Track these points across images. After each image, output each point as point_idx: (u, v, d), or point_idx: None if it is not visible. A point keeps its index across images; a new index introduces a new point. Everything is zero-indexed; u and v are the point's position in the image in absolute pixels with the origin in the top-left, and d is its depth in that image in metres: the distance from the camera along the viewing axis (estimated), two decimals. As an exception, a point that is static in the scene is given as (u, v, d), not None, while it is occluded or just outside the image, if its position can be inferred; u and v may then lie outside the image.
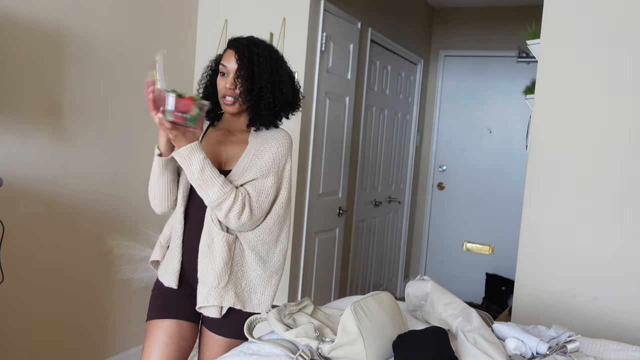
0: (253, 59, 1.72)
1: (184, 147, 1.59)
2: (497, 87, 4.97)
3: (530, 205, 2.61)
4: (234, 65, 1.72)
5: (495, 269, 4.92)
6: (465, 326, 1.68)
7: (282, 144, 1.79)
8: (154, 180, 1.75)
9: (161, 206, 1.80)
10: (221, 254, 1.72)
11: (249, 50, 1.72)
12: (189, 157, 1.60)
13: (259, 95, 1.72)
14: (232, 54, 1.74)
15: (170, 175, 1.75)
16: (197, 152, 1.61)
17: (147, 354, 1.76)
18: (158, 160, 1.70)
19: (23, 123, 2.37)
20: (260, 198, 1.74)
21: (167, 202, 1.79)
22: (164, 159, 1.69)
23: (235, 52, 1.73)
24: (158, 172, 1.73)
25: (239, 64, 1.71)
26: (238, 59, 1.72)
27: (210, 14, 3.24)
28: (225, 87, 1.73)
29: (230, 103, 1.74)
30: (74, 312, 2.69)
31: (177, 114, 1.51)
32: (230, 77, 1.73)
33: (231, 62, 1.73)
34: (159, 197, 1.77)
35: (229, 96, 1.73)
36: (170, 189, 1.77)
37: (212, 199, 1.66)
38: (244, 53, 1.72)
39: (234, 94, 1.73)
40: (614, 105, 2.44)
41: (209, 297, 1.73)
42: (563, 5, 2.53)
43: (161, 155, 1.69)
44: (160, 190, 1.76)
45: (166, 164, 1.71)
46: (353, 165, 3.84)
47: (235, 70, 1.72)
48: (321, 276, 3.46)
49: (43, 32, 2.41)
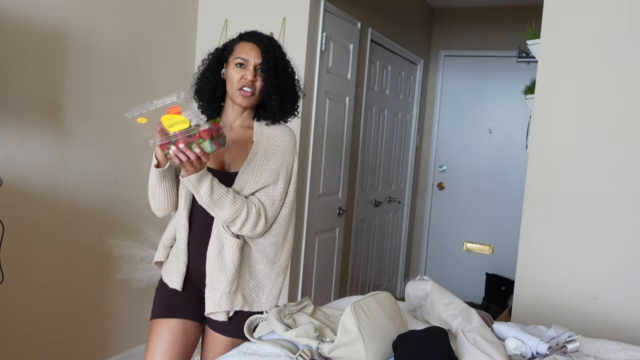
0: (276, 53, 1.72)
1: (193, 175, 1.56)
2: (497, 87, 4.97)
3: (530, 205, 2.61)
4: (256, 59, 1.70)
5: (495, 269, 4.92)
6: (465, 326, 1.68)
7: (289, 144, 1.78)
8: (153, 188, 1.73)
9: (162, 210, 1.79)
10: (233, 260, 1.71)
11: (272, 45, 1.73)
12: (198, 183, 1.58)
13: (284, 90, 1.73)
14: (253, 47, 1.72)
15: (168, 182, 1.73)
16: (205, 177, 1.59)
17: (152, 353, 1.74)
18: (155, 171, 1.68)
19: (23, 123, 2.37)
20: (273, 206, 1.73)
21: (167, 206, 1.78)
22: (161, 170, 1.67)
23: (259, 45, 1.72)
24: (156, 182, 1.71)
25: (265, 57, 1.70)
26: (263, 52, 1.70)
27: (210, 14, 3.23)
28: (245, 79, 1.70)
29: (249, 95, 1.71)
30: (74, 312, 2.69)
31: (217, 142, 1.50)
32: (250, 69, 1.70)
33: (252, 55, 1.71)
34: (160, 203, 1.76)
35: (248, 87, 1.70)
36: (169, 194, 1.75)
37: (225, 218, 1.65)
38: (268, 46, 1.71)
39: (255, 86, 1.71)
40: (613, 105, 2.44)
41: (220, 303, 1.73)
42: (563, 6, 2.53)
43: (158, 166, 1.67)
44: (160, 197, 1.74)
45: (164, 173, 1.69)
46: (353, 165, 3.84)
47: (259, 64, 1.70)
48: (321, 276, 3.46)
49: (43, 32, 2.41)
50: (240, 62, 1.71)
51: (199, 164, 1.52)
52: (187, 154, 1.48)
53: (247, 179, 1.71)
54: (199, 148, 1.48)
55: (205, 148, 1.48)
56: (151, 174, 1.71)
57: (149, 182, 1.74)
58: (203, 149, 1.48)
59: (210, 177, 1.60)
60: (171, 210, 1.81)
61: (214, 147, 1.49)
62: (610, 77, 2.45)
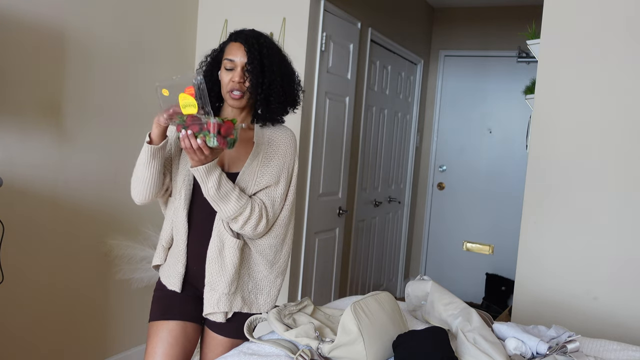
0: (262, 51, 1.68)
1: (202, 167, 1.55)
2: (497, 87, 4.97)
3: (530, 205, 2.61)
4: (242, 58, 1.67)
5: (495, 269, 4.92)
6: (465, 326, 1.68)
7: (290, 146, 1.77)
8: (139, 168, 1.67)
9: (142, 196, 1.71)
10: (233, 260, 1.70)
11: (258, 42, 1.68)
12: (207, 175, 1.57)
13: (269, 89, 1.68)
14: (239, 47, 1.69)
15: (157, 165, 1.66)
16: (214, 170, 1.58)
17: (151, 355, 1.73)
18: (146, 147, 1.62)
19: (23, 123, 2.37)
20: (274, 207, 1.73)
21: (149, 193, 1.70)
22: (153, 147, 1.62)
23: (244, 44, 1.68)
24: (145, 159, 1.64)
25: (249, 57, 1.66)
26: (247, 51, 1.67)
27: (210, 14, 3.24)
28: (233, 81, 1.68)
29: (238, 97, 1.69)
30: (74, 312, 2.69)
31: (221, 139, 1.48)
32: (238, 70, 1.67)
33: (239, 55, 1.68)
34: (142, 186, 1.68)
35: (236, 90, 1.68)
36: (155, 179, 1.68)
37: (229, 214, 1.63)
38: (253, 45, 1.67)
39: (243, 88, 1.68)
40: (613, 105, 2.44)
41: (219, 304, 1.72)
42: (563, 5, 2.53)
43: (150, 143, 1.62)
44: (144, 180, 1.67)
45: (155, 153, 1.63)
46: (353, 165, 3.84)
47: (245, 64, 1.67)
48: (321, 276, 3.46)
49: (43, 31, 2.40)
50: (228, 63, 1.69)
51: (201, 154, 1.51)
52: (191, 141, 1.48)
53: (248, 180, 1.70)
54: (202, 139, 1.48)
55: (208, 141, 1.48)
56: (142, 152, 1.65)
57: (138, 162, 1.68)
58: (206, 142, 1.48)
59: (219, 171, 1.59)
60: (150, 200, 1.73)
61: (216, 143, 1.48)
62: (610, 77, 2.45)
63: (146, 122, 2.90)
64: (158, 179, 1.69)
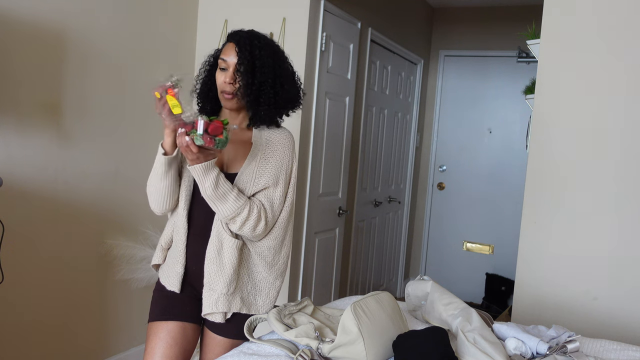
0: (254, 52, 1.67)
1: (198, 166, 1.56)
2: (497, 87, 4.97)
3: (530, 205, 2.61)
4: (234, 59, 1.67)
5: (495, 269, 4.93)
6: (465, 326, 1.68)
7: (288, 147, 1.76)
8: (156, 180, 1.69)
9: (162, 207, 1.75)
10: (231, 260, 1.70)
11: (250, 43, 1.67)
12: (204, 174, 1.57)
13: (258, 91, 1.68)
14: (233, 48, 1.68)
15: (173, 175, 1.70)
16: (211, 170, 1.58)
17: (150, 356, 1.73)
18: (162, 159, 1.64)
19: (23, 123, 2.37)
20: (273, 208, 1.72)
21: (168, 203, 1.74)
22: (168, 158, 1.64)
23: (236, 45, 1.68)
24: (161, 171, 1.67)
25: (240, 57, 1.66)
26: (239, 52, 1.66)
27: (210, 14, 3.24)
28: (224, 82, 1.68)
29: (229, 98, 1.69)
30: (73, 312, 2.69)
31: (207, 138, 1.49)
32: (230, 71, 1.67)
33: (231, 56, 1.68)
34: (161, 198, 1.72)
35: (228, 91, 1.68)
36: (172, 189, 1.71)
37: (226, 214, 1.63)
38: (245, 46, 1.66)
39: (233, 89, 1.68)
40: (613, 105, 2.44)
41: (217, 304, 1.71)
42: (563, 6, 2.53)
43: (166, 154, 1.65)
44: (162, 191, 1.70)
45: (170, 162, 1.66)
46: (353, 165, 3.84)
47: (235, 64, 1.67)
48: (321, 276, 3.46)
49: (43, 31, 2.40)
50: (222, 63, 1.70)
51: (191, 153, 1.52)
52: (181, 139, 1.50)
53: (246, 181, 1.70)
54: (190, 137, 1.49)
55: (195, 139, 1.50)
56: (157, 163, 1.67)
57: (153, 174, 1.70)
58: (193, 140, 1.49)
59: (217, 171, 1.60)
60: (170, 209, 1.77)
61: (201, 141, 1.49)
62: (610, 77, 2.45)
63: (146, 122, 2.91)
64: (176, 188, 1.73)
